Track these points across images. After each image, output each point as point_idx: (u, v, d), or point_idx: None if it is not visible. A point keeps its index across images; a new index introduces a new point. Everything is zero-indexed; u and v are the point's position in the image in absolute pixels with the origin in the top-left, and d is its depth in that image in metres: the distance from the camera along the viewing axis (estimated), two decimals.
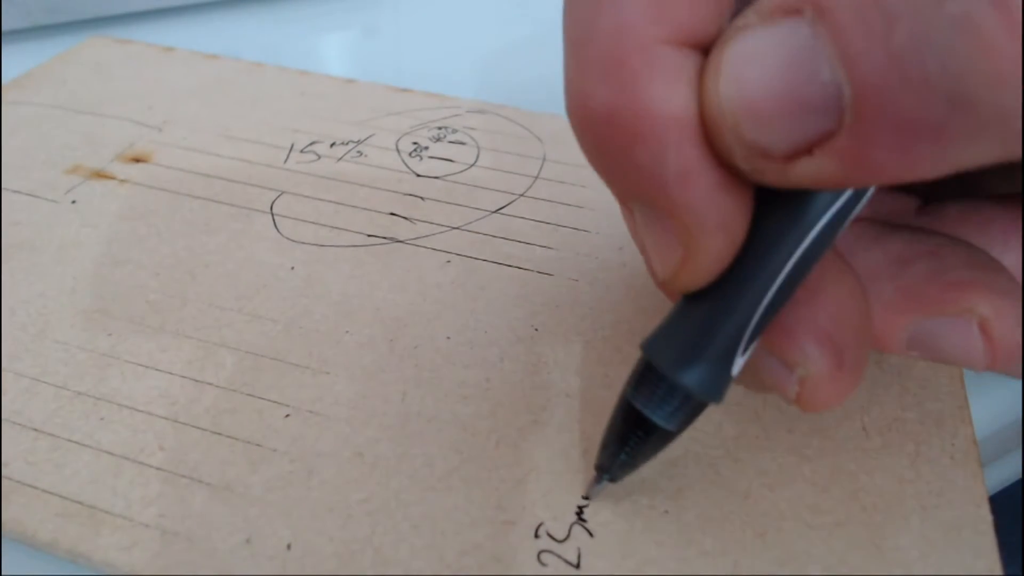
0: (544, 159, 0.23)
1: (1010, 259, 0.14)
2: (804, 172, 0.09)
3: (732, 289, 0.11)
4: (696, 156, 0.10)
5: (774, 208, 0.11)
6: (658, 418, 0.12)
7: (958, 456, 0.15)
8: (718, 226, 0.10)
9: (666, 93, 0.10)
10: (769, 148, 0.09)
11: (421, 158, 0.24)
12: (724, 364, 0.11)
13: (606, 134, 0.10)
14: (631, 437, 0.13)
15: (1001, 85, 0.08)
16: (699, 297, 0.11)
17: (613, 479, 0.14)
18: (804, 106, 0.09)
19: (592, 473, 0.14)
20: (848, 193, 0.10)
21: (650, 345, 0.12)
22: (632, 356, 0.17)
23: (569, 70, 0.11)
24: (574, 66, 0.11)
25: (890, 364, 0.17)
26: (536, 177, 0.23)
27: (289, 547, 0.14)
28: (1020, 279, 0.13)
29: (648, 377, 0.12)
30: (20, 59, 0.29)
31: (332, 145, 0.24)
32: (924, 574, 0.13)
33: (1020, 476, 0.23)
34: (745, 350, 0.11)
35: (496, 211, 0.21)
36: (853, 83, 0.08)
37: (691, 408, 0.12)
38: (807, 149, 0.09)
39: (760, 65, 0.09)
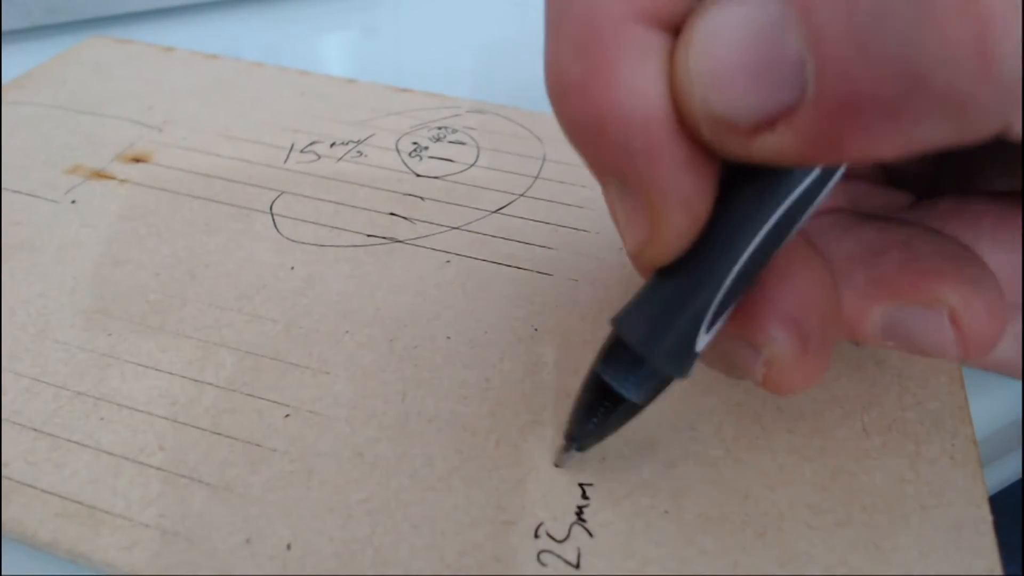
0: (544, 159, 0.23)
1: (999, 255, 0.14)
2: (767, 146, 0.10)
3: (697, 267, 0.11)
4: (663, 133, 0.10)
5: (740, 189, 0.11)
6: (625, 391, 0.13)
7: (958, 456, 0.15)
8: (681, 202, 0.11)
9: (636, 70, 0.10)
10: (734, 120, 0.09)
11: (421, 158, 0.24)
12: (689, 340, 0.12)
13: (579, 110, 0.10)
14: (599, 408, 0.13)
15: (953, 65, 0.08)
16: (667, 274, 0.12)
17: (581, 448, 0.14)
18: (769, 78, 0.09)
19: (561, 443, 0.15)
20: (813, 176, 0.11)
21: (619, 319, 0.13)
22: None
23: (547, 47, 0.11)
24: (551, 43, 0.11)
25: (890, 364, 0.17)
26: (536, 177, 0.23)
27: (289, 547, 0.14)
28: (1003, 274, 0.13)
29: (616, 351, 0.13)
30: (20, 59, 0.29)
31: (332, 145, 0.24)
32: (924, 574, 0.13)
33: (1020, 476, 0.23)
34: (710, 327, 0.12)
35: (496, 211, 0.21)
36: (816, 56, 0.08)
37: (656, 382, 0.13)
38: (770, 123, 0.09)
39: (729, 37, 0.09)
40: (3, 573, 0.14)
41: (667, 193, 0.11)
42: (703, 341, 0.12)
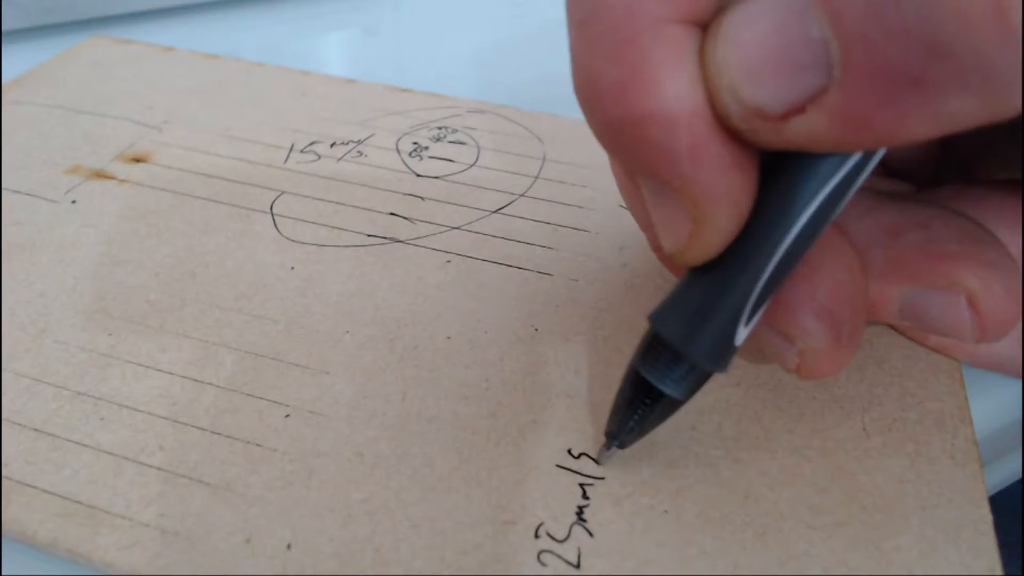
0: (544, 159, 0.23)
1: (1003, 236, 0.14)
2: (798, 131, 0.10)
3: (735, 262, 0.11)
4: (706, 133, 0.10)
5: (776, 183, 0.11)
6: (665, 387, 0.13)
7: (958, 456, 0.15)
8: (727, 201, 0.11)
9: (676, 71, 0.10)
10: (764, 107, 0.10)
11: (421, 158, 0.24)
12: (728, 334, 0.12)
13: (617, 112, 0.10)
14: (639, 405, 0.13)
15: (974, 27, 0.08)
16: (704, 270, 0.12)
17: (622, 445, 0.14)
18: (796, 63, 0.09)
19: (602, 440, 0.15)
20: (847, 167, 0.11)
21: (657, 316, 0.13)
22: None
23: (576, 49, 0.11)
24: (582, 45, 0.11)
25: (890, 364, 0.17)
26: (536, 177, 0.23)
27: (289, 547, 0.14)
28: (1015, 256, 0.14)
29: (655, 347, 0.13)
30: (20, 59, 0.29)
31: (332, 145, 0.24)
32: (924, 574, 0.13)
33: (1020, 476, 0.23)
34: (748, 321, 0.12)
35: (496, 211, 0.21)
36: (839, 37, 0.09)
37: (696, 377, 0.13)
38: (800, 108, 0.09)
39: (754, 27, 0.09)
40: (3, 573, 0.14)
41: (713, 194, 0.10)
42: (742, 335, 0.12)
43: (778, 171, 0.11)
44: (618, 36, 0.10)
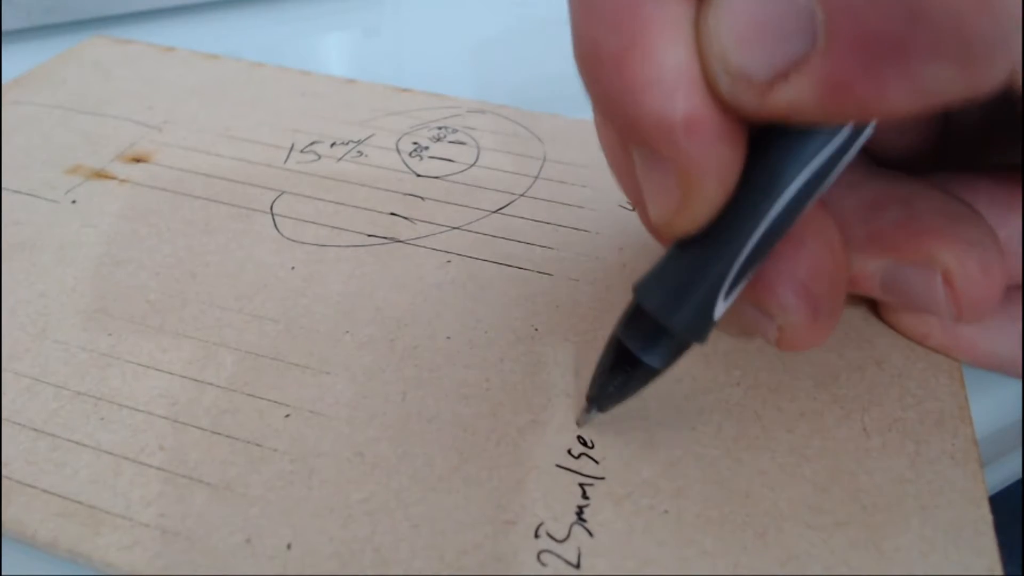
0: (544, 159, 0.23)
1: (994, 218, 0.14)
2: (781, 98, 0.10)
3: (717, 237, 0.12)
4: (700, 104, 0.10)
5: (762, 159, 0.11)
6: (644, 356, 0.13)
7: (958, 456, 0.15)
8: (716, 173, 0.11)
9: (674, 42, 0.10)
10: (751, 73, 0.10)
11: (421, 158, 0.24)
12: (707, 308, 0.12)
13: (616, 82, 0.10)
14: (619, 372, 0.14)
15: None
16: (688, 243, 0.12)
17: (601, 409, 0.15)
18: (782, 30, 0.09)
19: (583, 404, 0.15)
20: (832, 147, 0.11)
21: (640, 287, 0.13)
22: None
23: (577, 18, 0.11)
24: (582, 14, 0.11)
25: (890, 364, 0.17)
26: (536, 177, 0.23)
27: (289, 547, 0.14)
28: (999, 235, 0.14)
29: (637, 317, 0.13)
30: (20, 59, 0.29)
31: (332, 145, 0.24)
32: (924, 574, 0.13)
33: (1020, 476, 0.23)
34: (728, 295, 0.12)
35: (496, 211, 0.21)
36: (824, 4, 0.09)
37: (675, 347, 0.13)
38: (784, 74, 0.09)
39: None
40: (3, 573, 0.14)
41: (703, 164, 0.11)
42: (721, 309, 0.12)
43: (764, 148, 0.11)
44: (618, 5, 0.10)
